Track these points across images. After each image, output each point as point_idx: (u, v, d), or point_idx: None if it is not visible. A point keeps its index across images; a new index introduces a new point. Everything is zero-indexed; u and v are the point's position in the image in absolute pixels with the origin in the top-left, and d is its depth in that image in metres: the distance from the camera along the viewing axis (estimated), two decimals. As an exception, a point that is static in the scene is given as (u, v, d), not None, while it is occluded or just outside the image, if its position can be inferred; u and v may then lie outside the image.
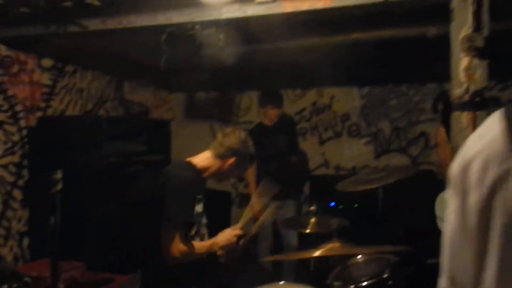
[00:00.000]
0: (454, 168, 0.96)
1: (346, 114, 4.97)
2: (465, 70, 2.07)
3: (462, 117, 2.07)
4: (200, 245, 2.51)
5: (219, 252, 2.55)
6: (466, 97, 2.03)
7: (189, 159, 2.70)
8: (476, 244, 0.90)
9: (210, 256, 2.55)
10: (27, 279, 3.09)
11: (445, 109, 2.44)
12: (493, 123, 0.89)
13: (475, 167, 0.89)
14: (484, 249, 0.89)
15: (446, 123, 2.29)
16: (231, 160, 2.65)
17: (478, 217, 0.89)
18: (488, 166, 0.86)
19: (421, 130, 4.69)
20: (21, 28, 3.17)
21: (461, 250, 0.95)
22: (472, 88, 2.06)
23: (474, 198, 0.89)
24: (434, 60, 3.12)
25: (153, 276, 2.60)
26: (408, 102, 4.73)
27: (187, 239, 2.49)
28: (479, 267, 0.90)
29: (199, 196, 2.57)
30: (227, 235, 2.55)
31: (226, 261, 2.69)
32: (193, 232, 2.55)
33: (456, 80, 2.11)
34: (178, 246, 2.39)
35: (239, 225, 2.67)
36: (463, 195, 0.92)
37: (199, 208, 2.57)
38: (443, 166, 3.52)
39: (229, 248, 2.56)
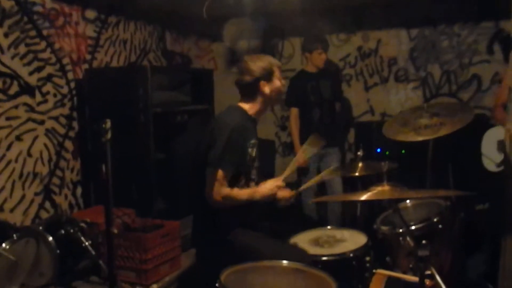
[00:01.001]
0: None
1: (393, 58, 4.79)
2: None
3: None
4: (241, 192, 2.50)
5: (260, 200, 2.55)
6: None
7: (242, 103, 2.67)
8: None
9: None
10: (82, 224, 3.25)
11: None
12: None
13: None
14: None
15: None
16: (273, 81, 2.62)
17: None
18: None
19: (474, 73, 4.48)
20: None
21: None
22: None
23: None
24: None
25: (200, 221, 2.64)
26: (460, 43, 4.50)
27: (237, 182, 2.51)
28: None
29: (252, 141, 2.56)
30: (268, 186, 2.54)
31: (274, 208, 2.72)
32: (242, 178, 2.56)
33: (516, 14, 1.97)
34: (220, 190, 2.40)
35: (282, 176, 2.64)
36: None
37: (253, 152, 2.57)
38: (499, 108, 3.38)
39: (269, 199, 2.56)
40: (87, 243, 3.13)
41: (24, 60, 3.47)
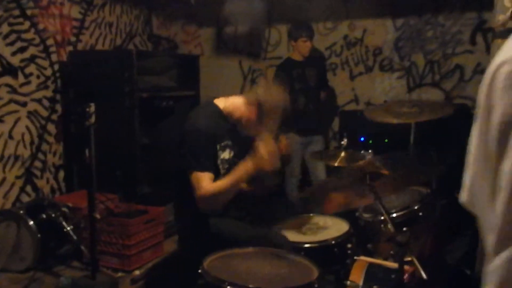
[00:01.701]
0: (482, 85, 0.93)
1: (379, 47, 4.81)
2: (510, -6, 1.95)
3: (505, 46, 1.97)
4: (221, 181, 2.34)
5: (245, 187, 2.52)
6: (510, 24, 1.92)
7: (219, 100, 2.54)
8: (496, 162, 0.88)
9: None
10: (64, 209, 3.23)
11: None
12: None
13: (502, 76, 0.86)
14: (498, 168, 0.86)
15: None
16: (257, 109, 2.42)
17: (499, 132, 0.86)
18: None
19: (456, 63, 4.52)
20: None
21: (482, 169, 0.93)
22: (517, 14, 1.95)
23: (498, 112, 0.86)
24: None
25: (182, 208, 2.64)
26: (444, 33, 4.54)
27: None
28: (494, 188, 0.88)
29: (224, 143, 2.44)
30: (259, 154, 2.31)
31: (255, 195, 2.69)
32: (220, 177, 2.45)
33: (500, 6, 1.99)
34: (205, 189, 2.29)
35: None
36: (488, 112, 0.89)
37: (226, 154, 2.47)
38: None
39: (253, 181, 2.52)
40: (69, 228, 3.12)
41: (7, 40, 3.41)
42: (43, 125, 3.75)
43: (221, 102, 2.53)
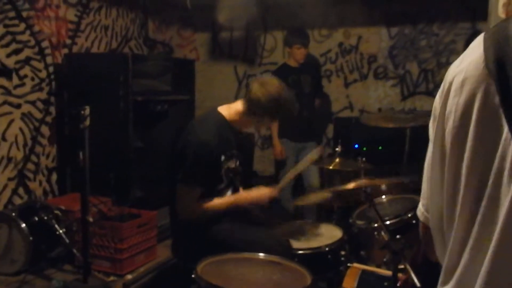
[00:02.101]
0: (437, 94, 0.97)
1: (373, 55, 4.84)
2: (505, 5, 1.97)
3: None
4: (220, 201, 2.44)
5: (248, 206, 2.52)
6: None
7: (223, 108, 2.54)
8: (450, 172, 0.90)
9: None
10: (57, 211, 3.21)
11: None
12: (474, 47, 0.92)
13: (453, 88, 0.90)
14: (457, 177, 0.88)
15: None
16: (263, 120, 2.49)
17: (452, 142, 0.89)
18: (465, 83, 0.87)
19: (450, 73, 4.57)
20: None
21: (437, 178, 0.96)
22: (512, 25, 1.97)
23: (451, 123, 0.89)
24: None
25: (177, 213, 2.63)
26: (438, 42, 4.58)
27: (215, 193, 2.47)
28: (452, 198, 0.90)
29: (229, 152, 2.46)
30: (261, 194, 2.50)
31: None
32: (222, 185, 2.51)
33: (494, 16, 2.01)
34: (193, 208, 2.36)
35: (278, 187, 2.58)
36: (442, 121, 0.93)
37: (231, 163, 2.49)
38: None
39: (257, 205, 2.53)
40: (61, 231, 3.09)
41: (2, 42, 3.40)
42: (37, 127, 3.74)
43: (225, 110, 2.52)
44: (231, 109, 2.52)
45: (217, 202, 2.43)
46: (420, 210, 1.07)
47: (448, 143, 0.90)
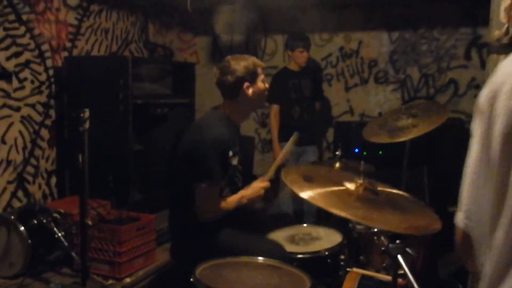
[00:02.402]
0: (483, 94, 0.91)
1: (374, 60, 4.84)
2: (506, 10, 1.97)
3: (500, 61, 1.98)
4: (229, 201, 2.45)
5: (247, 203, 2.52)
6: (506, 39, 1.94)
7: (222, 106, 2.56)
8: (498, 175, 0.85)
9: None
10: (55, 214, 3.20)
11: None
12: None
13: (505, 90, 0.84)
14: (505, 182, 0.83)
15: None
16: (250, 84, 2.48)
17: (502, 145, 0.84)
18: None
19: (451, 77, 4.56)
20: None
21: (482, 182, 0.90)
22: (512, 30, 1.96)
23: (501, 125, 0.84)
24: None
25: (176, 216, 2.63)
26: (439, 47, 4.58)
27: (221, 192, 2.47)
28: (499, 202, 0.84)
29: (233, 150, 2.47)
30: (255, 187, 2.50)
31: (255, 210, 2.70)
32: (223, 184, 2.51)
33: (495, 21, 2.01)
34: (215, 207, 2.38)
35: (266, 177, 2.59)
36: (489, 122, 0.87)
37: (234, 161, 2.49)
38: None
39: (256, 199, 2.53)
40: (60, 234, 3.08)
41: (2, 45, 3.40)
42: (36, 130, 3.73)
43: (221, 108, 2.56)
44: (224, 106, 2.55)
45: (230, 199, 2.45)
46: (459, 217, 1.00)
47: (497, 146, 0.84)
